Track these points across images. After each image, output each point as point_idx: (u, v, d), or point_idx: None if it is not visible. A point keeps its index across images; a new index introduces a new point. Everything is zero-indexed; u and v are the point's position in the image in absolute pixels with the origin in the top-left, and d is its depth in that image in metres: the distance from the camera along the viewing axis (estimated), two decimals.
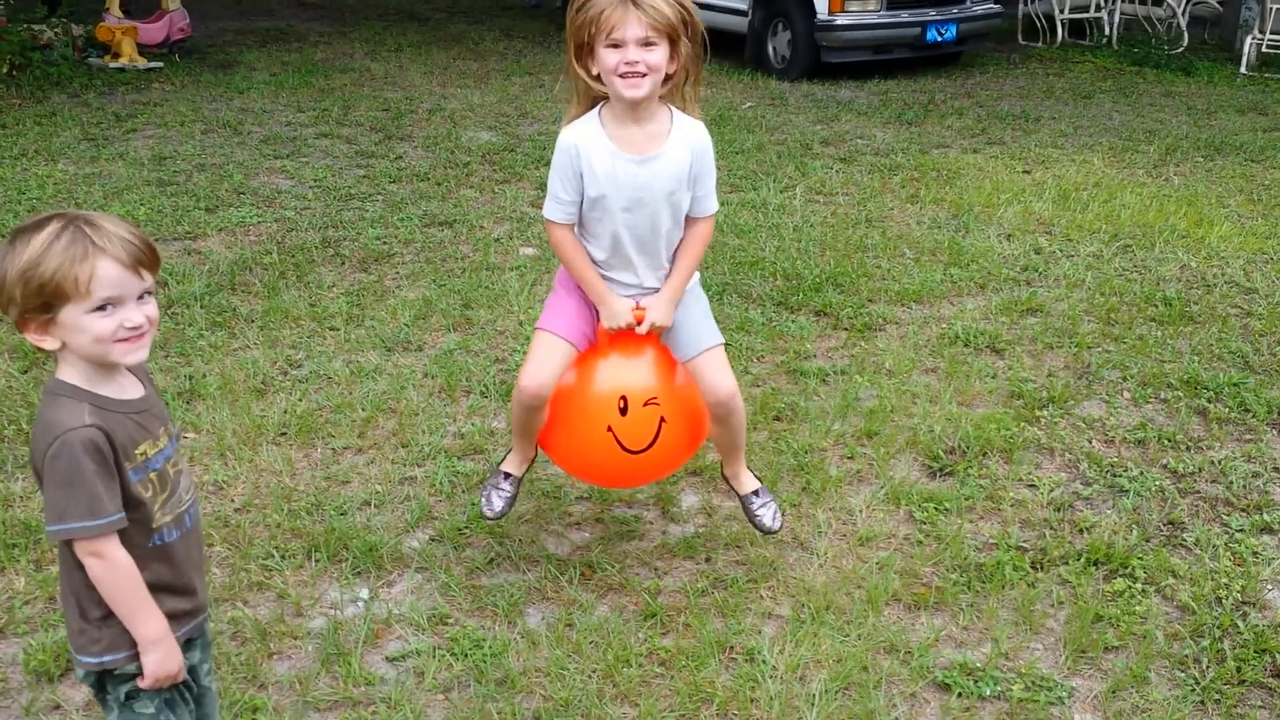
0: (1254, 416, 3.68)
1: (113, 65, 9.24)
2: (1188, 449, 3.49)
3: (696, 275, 2.70)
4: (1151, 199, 6.02)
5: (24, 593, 2.73)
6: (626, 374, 2.63)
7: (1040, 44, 11.60)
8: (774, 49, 9.85)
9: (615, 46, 2.29)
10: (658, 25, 2.27)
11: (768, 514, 2.81)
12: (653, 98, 2.39)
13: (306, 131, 7.45)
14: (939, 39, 9.67)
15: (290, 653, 2.55)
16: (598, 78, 2.39)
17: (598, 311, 2.61)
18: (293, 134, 7.37)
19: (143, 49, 9.67)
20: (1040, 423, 3.63)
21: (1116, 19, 11.32)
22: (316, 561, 2.86)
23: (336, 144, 7.15)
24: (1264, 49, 10.14)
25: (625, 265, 2.57)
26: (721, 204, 5.83)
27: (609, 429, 2.59)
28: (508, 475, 2.83)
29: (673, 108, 2.47)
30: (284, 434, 3.49)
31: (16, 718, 2.35)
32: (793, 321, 4.39)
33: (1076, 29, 11.74)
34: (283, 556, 2.88)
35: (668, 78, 2.38)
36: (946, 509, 3.13)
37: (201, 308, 4.41)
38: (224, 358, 4.00)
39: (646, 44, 2.29)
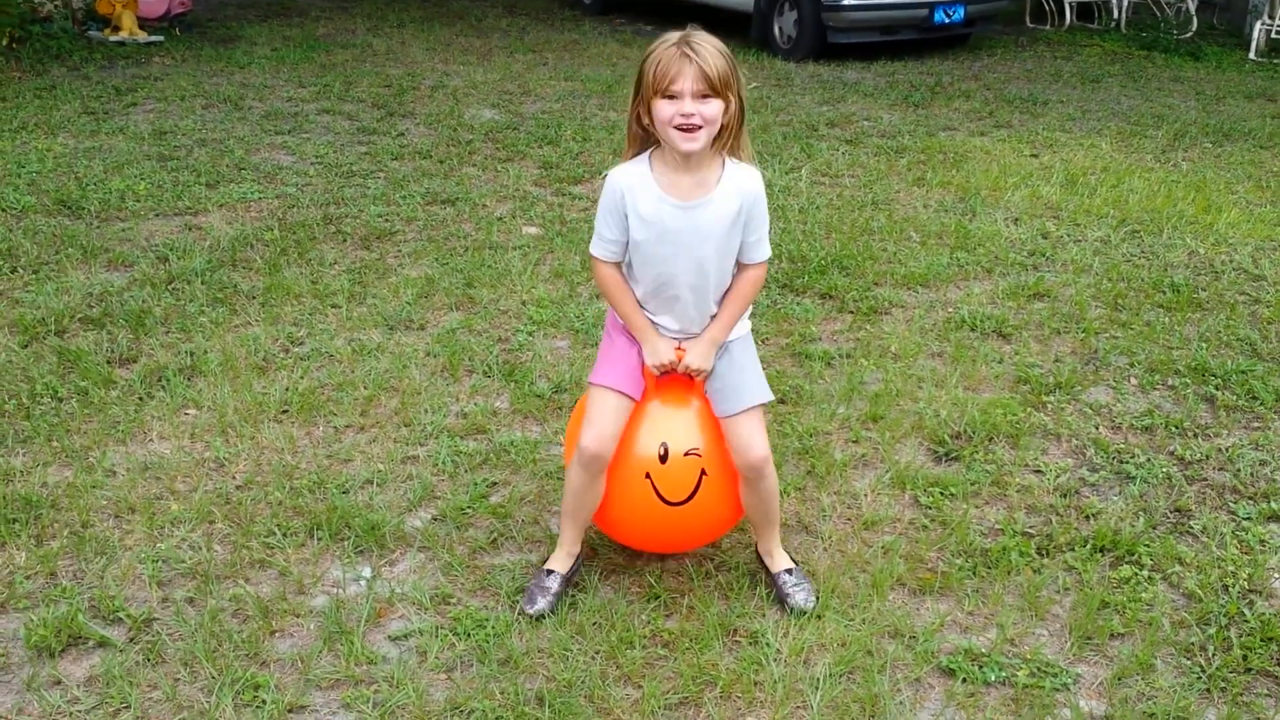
0: (1262, 404, 3.66)
1: (113, 39, 9.17)
2: (1195, 436, 3.47)
3: (748, 325, 2.64)
4: (1160, 184, 5.98)
5: (25, 567, 2.71)
6: (669, 421, 2.54)
7: (1048, 27, 11.52)
8: (780, 29, 9.78)
9: (671, 98, 2.30)
10: (713, 79, 2.28)
11: (801, 594, 2.62)
12: (706, 149, 2.38)
13: (308, 107, 7.40)
14: (947, 21, 9.60)
15: (292, 631, 2.54)
16: (651, 125, 2.37)
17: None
18: (294, 109, 7.32)
19: (143, 22, 9.60)
20: (1047, 408, 3.61)
21: (1125, 3, 11.23)
22: (318, 540, 2.85)
23: (338, 120, 7.10)
24: (1273, 34, 10.07)
25: (668, 308, 2.52)
26: None
27: (647, 475, 2.49)
28: (551, 572, 2.62)
29: (726, 155, 2.45)
30: (286, 412, 3.47)
31: (18, 692, 2.34)
32: (798, 304, 4.36)
33: (1085, 12, 11.66)
34: (285, 534, 2.86)
35: (721, 128, 2.37)
36: (952, 494, 3.11)
37: (203, 284, 4.38)
38: (225, 334, 3.97)
39: (702, 97, 2.29)
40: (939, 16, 9.53)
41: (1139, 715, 2.34)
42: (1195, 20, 10.78)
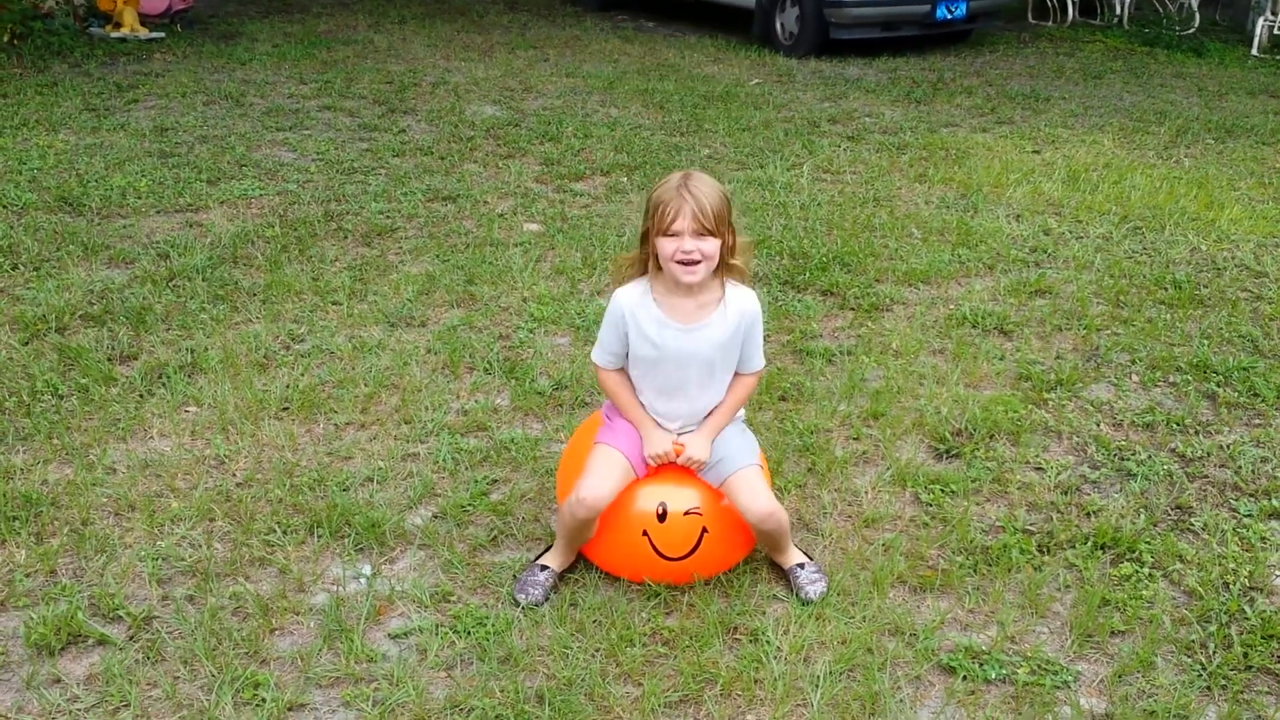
0: (1263, 401, 3.65)
1: (114, 35, 9.17)
2: (1196, 433, 3.46)
3: (742, 413, 2.80)
4: (1162, 181, 5.97)
5: (25, 565, 2.71)
6: (667, 484, 2.65)
7: (1050, 23, 11.50)
8: (782, 25, 9.76)
9: (672, 236, 2.45)
10: (709, 218, 2.43)
11: (815, 588, 2.66)
12: (707, 278, 2.54)
13: (309, 104, 7.40)
14: (949, 17, 9.58)
15: (292, 628, 2.54)
16: (656, 257, 2.53)
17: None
18: (295, 106, 7.32)
19: (144, 19, 9.60)
20: (1048, 405, 3.60)
21: None
22: (319, 537, 2.84)
23: (339, 117, 7.09)
24: (1275, 31, 10.05)
25: (673, 403, 2.67)
26: (728, 181, 5.84)
27: (644, 533, 2.60)
28: (545, 568, 2.70)
29: (725, 280, 2.60)
30: (286, 409, 3.47)
31: (17, 691, 2.34)
32: (799, 301, 4.35)
33: (1087, 8, 11.64)
34: (285, 532, 2.86)
35: (720, 259, 2.53)
36: (953, 491, 3.10)
37: (203, 280, 4.38)
38: (226, 331, 3.97)
39: (700, 234, 2.44)
40: (941, 13, 9.51)
41: (1140, 713, 2.34)
42: (1198, 16, 10.75)
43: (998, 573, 2.77)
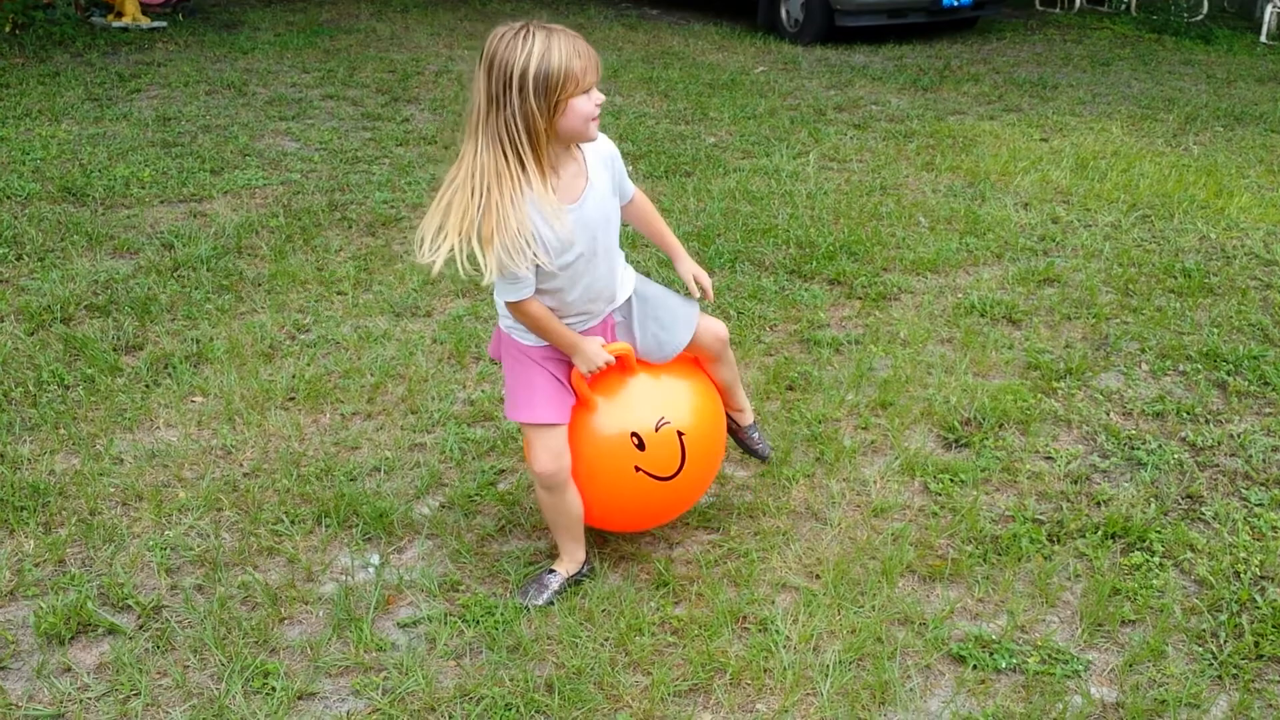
0: (1274, 390, 3.64)
1: (116, 25, 9.15)
2: (1206, 422, 3.45)
3: (632, 273, 2.59)
4: (1170, 169, 5.94)
5: (34, 555, 2.71)
6: (625, 411, 2.53)
7: (1058, 10, 11.44)
8: (787, 12, 9.72)
9: (588, 92, 2.25)
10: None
11: (765, 446, 3.01)
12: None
13: (312, 93, 7.38)
14: (955, 4, 9.53)
15: (301, 618, 2.54)
16: (549, 128, 2.25)
17: (563, 368, 2.48)
18: (298, 95, 7.30)
19: (146, 8, 9.58)
20: (1057, 394, 3.59)
21: None
22: (327, 527, 2.84)
23: (342, 106, 7.07)
24: None
25: (589, 305, 2.45)
26: (734, 171, 5.81)
27: (637, 469, 2.51)
28: (554, 572, 2.63)
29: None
30: (292, 399, 3.46)
31: (28, 679, 2.34)
32: (806, 290, 4.34)
33: None
34: (293, 521, 2.86)
35: None
36: (962, 480, 3.09)
37: (208, 271, 4.37)
38: (231, 321, 3.96)
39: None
40: (947, 0, 9.46)
41: (1150, 702, 2.33)
42: (1206, 3, 10.69)
43: (1007, 562, 2.76)
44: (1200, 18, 10.51)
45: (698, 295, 2.63)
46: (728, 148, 6.32)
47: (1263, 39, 9.87)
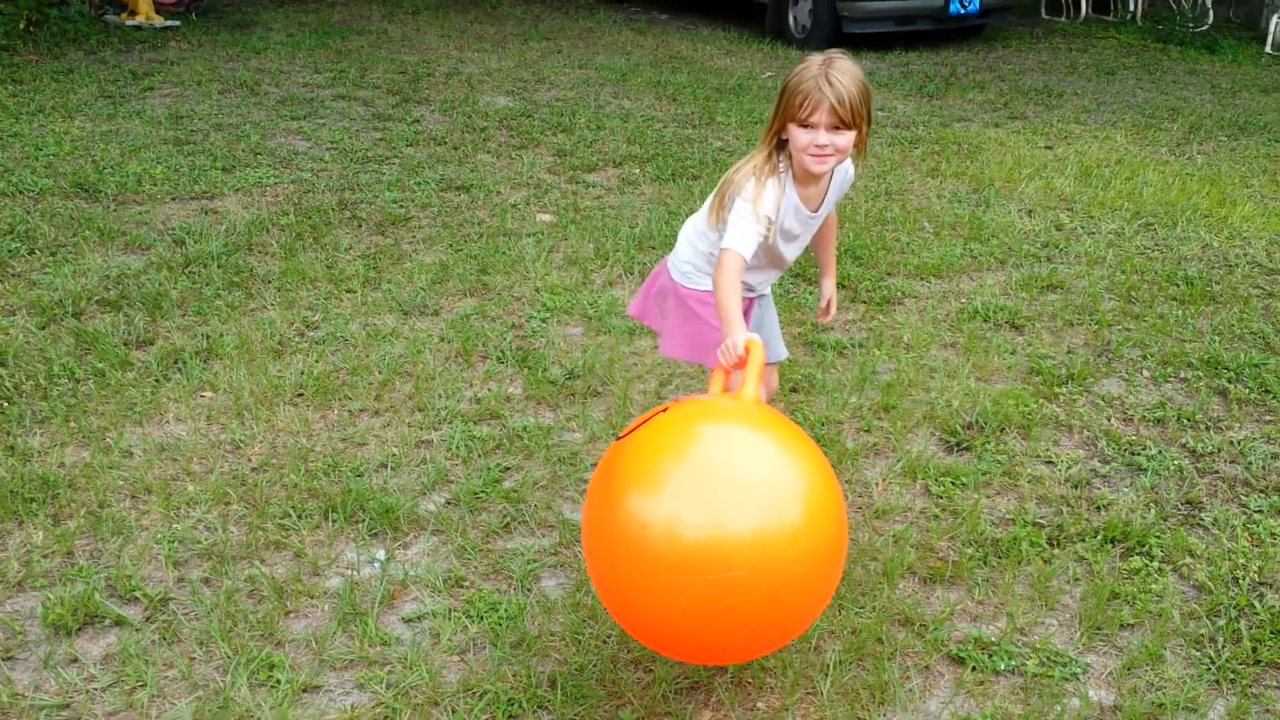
0: (1274, 398, 3.65)
1: (129, 23, 9.20)
2: (1207, 429, 3.47)
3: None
4: (1174, 177, 5.96)
5: (42, 546, 2.74)
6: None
7: (1064, 19, 11.47)
8: (795, 18, 9.75)
9: (808, 127, 2.38)
10: (847, 111, 2.34)
11: None
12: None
13: (323, 93, 7.42)
14: (962, 11, 9.56)
15: (307, 611, 2.57)
16: (786, 140, 2.47)
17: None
18: (309, 95, 7.34)
19: (160, 7, 9.63)
20: (1059, 400, 3.61)
21: None
22: (333, 522, 2.87)
23: (353, 106, 7.11)
24: None
25: (766, 276, 2.76)
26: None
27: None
28: None
29: None
30: (301, 395, 3.49)
31: (35, 670, 2.37)
32: (810, 293, 4.36)
33: (1100, 4, 11.60)
34: (300, 516, 2.89)
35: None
36: (963, 484, 3.12)
37: (219, 267, 4.41)
38: (241, 318, 3.99)
39: (836, 129, 2.37)
40: (954, 7, 9.50)
41: (1148, 705, 2.35)
42: (1211, 13, 10.71)
43: (1007, 565, 2.78)
44: (1205, 28, 10.53)
45: (824, 312, 2.96)
46: (734, 152, 6.35)
47: (1268, 49, 9.89)
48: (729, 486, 1.85)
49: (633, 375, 3.67)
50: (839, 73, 2.33)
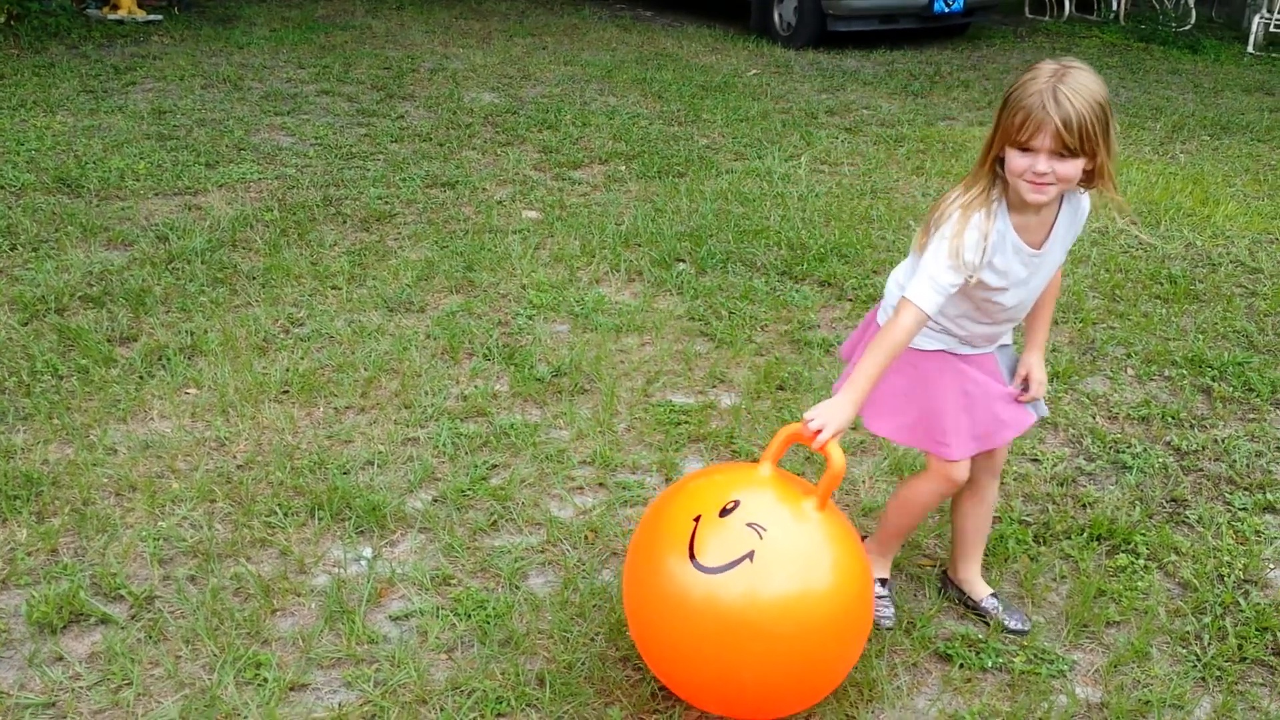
0: (1257, 396, 3.68)
1: (111, 17, 9.12)
2: (1191, 427, 3.49)
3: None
4: (1157, 176, 6.00)
5: (26, 544, 2.72)
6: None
7: (1047, 18, 11.52)
8: (780, 16, 9.76)
9: (1026, 151, 2.04)
10: (1074, 137, 1.99)
11: (1015, 619, 2.59)
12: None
13: (307, 88, 7.38)
14: (946, 10, 9.59)
15: (293, 609, 2.55)
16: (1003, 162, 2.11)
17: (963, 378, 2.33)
18: (293, 90, 7.30)
19: (142, 1, 9.55)
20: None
21: None
22: (319, 520, 2.85)
23: (337, 102, 7.08)
24: (1271, 28, 10.08)
25: (979, 328, 2.32)
26: (726, 172, 5.84)
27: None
28: (884, 581, 2.61)
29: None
30: (286, 392, 3.47)
31: (19, 668, 2.35)
32: (797, 291, 4.37)
33: (1084, 4, 11.66)
34: (285, 514, 2.87)
35: (1089, 174, 2.09)
36: None
37: (203, 264, 4.38)
38: (225, 314, 3.97)
39: (1060, 155, 2.02)
40: (939, 6, 9.52)
41: (1134, 702, 2.36)
42: (1194, 13, 10.78)
43: (994, 562, 2.80)
44: (1188, 27, 10.60)
45: (1021, 388, 2.41)
46: (720, 149, 6.35)
47: (1250, 49, 9.96)
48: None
49: (619, 372, 3.67)
50: (1071, 89, 1.97)
